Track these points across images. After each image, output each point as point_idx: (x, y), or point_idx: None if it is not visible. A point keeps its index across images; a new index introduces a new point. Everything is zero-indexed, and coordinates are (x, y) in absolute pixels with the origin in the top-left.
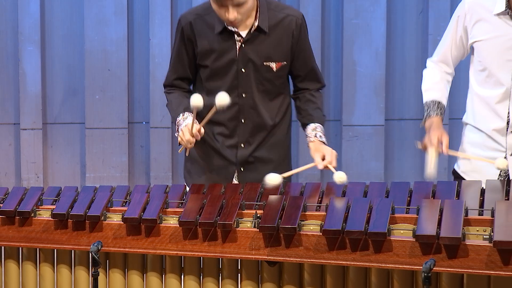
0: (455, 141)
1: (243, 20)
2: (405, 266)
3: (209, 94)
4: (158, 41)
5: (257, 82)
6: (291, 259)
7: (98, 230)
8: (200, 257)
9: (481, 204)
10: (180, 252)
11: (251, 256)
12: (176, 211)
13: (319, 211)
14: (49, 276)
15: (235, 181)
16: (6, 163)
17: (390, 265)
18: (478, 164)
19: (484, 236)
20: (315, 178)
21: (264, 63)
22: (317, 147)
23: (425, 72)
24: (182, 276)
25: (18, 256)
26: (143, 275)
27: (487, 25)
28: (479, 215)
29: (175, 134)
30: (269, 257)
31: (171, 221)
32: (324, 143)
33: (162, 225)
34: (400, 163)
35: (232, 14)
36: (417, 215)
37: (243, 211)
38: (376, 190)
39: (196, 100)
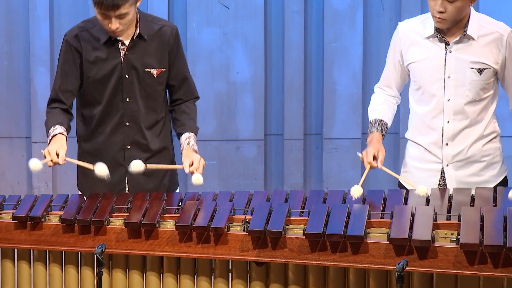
0: None
1: (124, 30)
2: (380, 266)
3: (93, 104)
4: None
5: (140, 88)
6: (277, 260)
7: (102, 233)
8: (195, 258)
9: (449, 210)
10: (176, 254)
11: (241, 257)
12: (172, 217)
13: (302, 216)
14: (58, 276)
15: (126, 182)
16: (19, 173)
17: (367, 265)
18: (418, 175)
19: (452, 239)
20: (299, 187)
21: (146, 70)
22: (187, 154)
23: (372, 96)
24: (178, 276)
25: (30, 257)
26: (143, 275)
27: (419, 48)
28: (447, 219)
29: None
30: (257, 258)
31: (168, 226)
32: (195, 151)
33: (160, 229)
34: (375, 173)
35: (114, 24)
36: (391, 219)
37: (233, 216)
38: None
39: (101, 170)
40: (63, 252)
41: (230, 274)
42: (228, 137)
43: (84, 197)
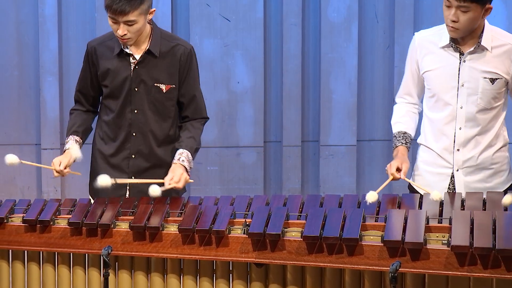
0: None
1: (132, 38)
2: (374, 268)
3: (107, 111)
4: None
5: (149, 101)
6: (276, 261)
7: (108, 236)
8: (197, 260)
9: (440, 214)
10: (179, 255)
11: (241, 259)
12: (176, 220)
13: (300, 219)
14: (66, 277)
15: (127, 189)
16: (29, 178)
17: (362, 267)
18: (429, 179)
19: (443, 241)
20: (297, 191)
21: (155, 84)
22: (173, 168)
23: (394, 107)
24: (181, 277)
25: (39, 259)
26: (148, 276)
27: (435, 57)
28: (438, 223)
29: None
30: (256, 260)
31: (172, 228)
32: (185, 167)
33: (164, 232)
34: (370, 178)
35: (122, 30)
36: (385, 223)
37: (234, 220)
38: (349, 201)
39: (104, 180)
40: (71, 254)
41: (231, 275)
42: (229, 144)
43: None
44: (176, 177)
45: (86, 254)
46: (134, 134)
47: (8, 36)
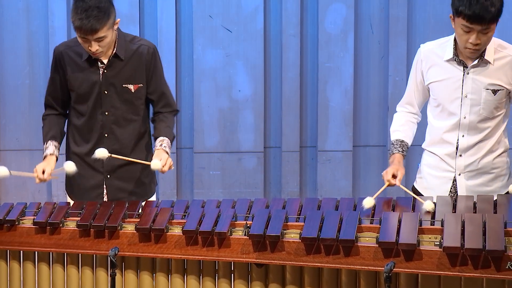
0: None
1: (103, 51)
2: (370, 268)
3: (77, 114)
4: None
5: (119, 102)
6: (275, 261)
7: (115, 237)
8: (200, 260)
9: (433, 216)
10: (183, 256)
11: (242, 259)
12: (180, 222)
13: (298, 222)
14: (75, 276)
15: (104, 188)
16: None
17: (358, 267)
18: (432, 182)
19: (435, 243)
20: (295, 195)
21: (123, 85)
22: (158, 154)
23: (395, 115)
24: (185, 276)
25: (49, 259)
26: (153, 276)
27: (439, 69)
28: (431, 225)
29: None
30: (257, 260)
31: (176, 230)
32: (166, 152)
33: (168, 233)
34: (365, 182)
35: (94, 47)
36: (380, 225)
37: (235, 222)
38: (346, 204)
39: (70, 166)
40: (80, 254)
41: (232, 275)
42: (231, 149)
43: (98, 205)
44: (163, 160)
45: (94, 255)
46: (106, 135)
47: (20, 47)
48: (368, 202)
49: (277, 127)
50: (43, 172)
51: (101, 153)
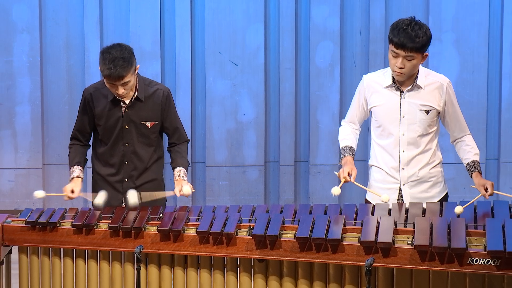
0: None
1: (128, 93)
2: (353, 263)
3: (101, 143)
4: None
5: (137, 136)
6: (274, 257)
7: (140, 237)
8: (211, 256)
9: (406, 219)
10: (197, 253)
11: (247, 256)
12: (194, 224)
13: (293, 224)
14: (106, 270)
15: (123, 205)
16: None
17: (343, 262)
18: (381, 194)
19: (408, 242)
20: (291, 202)
21: (142, 122)
22: (178, 182)
23: (340, 128)
24: (199, 270)
25: (85, 256)
26: (172, 269)
27: (380, 95)
28: (404, 227)
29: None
30: (259, 256)
31: (191, 231)
32: (185, 180)
33: (185, 234)
34: (349, 191)
35: (120, 90)
36: (361, 227)
37: (241, 224)
38: (333, 209)
39: (39, 194)
40: (110, 251)
41: (238, 268)
42: (237, 164)
43: (126, 210)
44: (184, 188)
45: (123, 252)
46: (126, 162)
47: (61, 78)
48: (336, 191)
49: (275, 144)
50: (73, 192)
51: (133, 196)
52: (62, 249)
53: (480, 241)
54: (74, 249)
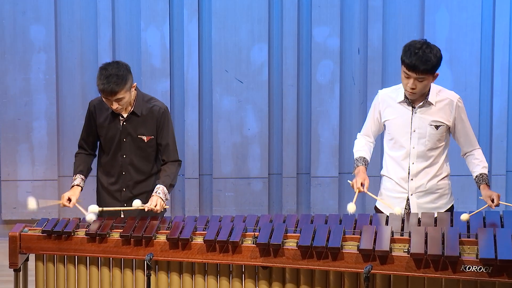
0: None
1: (123, 108)
2: (352, 270)
3: (103, 154)
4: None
5: (134, 148)
6: (277, 264)
7: (150, 245)
8: (218, 263)
9: (402, 229)
10: (204, 260)
11: (251, 263)
12: (202, 233)
13: (295, 233)
14: (118, 276)
15: (121, 214)
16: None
17: (342, 269)
18: (390, 202)
19: (404, 250)
20: (293, 212)
21: (138, 136)
22: (152, 198)
23: (355, 141)
24: (206, 276)
25: (98, 263)
26: (180, 276)
27: (393, 110)
28: (401, 236)
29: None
30: (263, 263)
31: (199, 240)
32: (159, 197)
33: (192, 242)
34: (349, 202)
35: (114, 105)
36: (360, 236)
37: (246, 233)
38: (333, 219)
39: (32, 204)
40: (122, 259)
41: (243, 275)
42: (242, 176)
43: (137, 219)
44: (153, 203)
45: (134, 259)
46: (124, 173)
47: (75, 94)
48: (352, 207)
49: (278, 157)
50: (69, 200)
51: (31, 203)
52: (76, 256)
53: (473, 250)
54: (88, 257)
